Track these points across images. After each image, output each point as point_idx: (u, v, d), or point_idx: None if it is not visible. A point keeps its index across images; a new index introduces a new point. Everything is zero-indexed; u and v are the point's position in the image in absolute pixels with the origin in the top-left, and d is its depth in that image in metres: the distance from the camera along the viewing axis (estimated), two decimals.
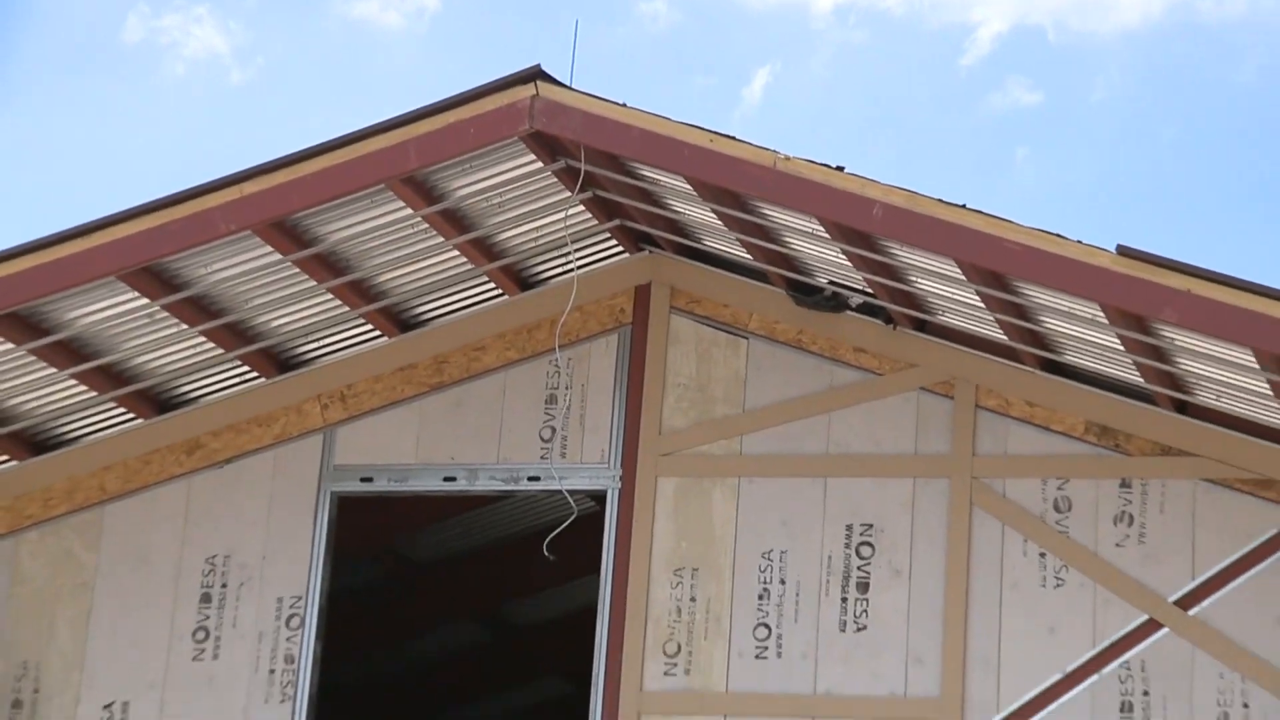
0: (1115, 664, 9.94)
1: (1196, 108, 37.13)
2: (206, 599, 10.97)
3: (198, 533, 11.15)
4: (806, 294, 10.38)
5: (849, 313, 10.40)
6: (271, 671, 10.78)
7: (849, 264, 9.58)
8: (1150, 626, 9.90)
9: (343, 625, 11.58)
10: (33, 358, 9.97)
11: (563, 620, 15.02)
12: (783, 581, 10.42)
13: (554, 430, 10.96)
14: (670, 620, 10.51)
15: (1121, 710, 9.87)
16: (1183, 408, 9.99)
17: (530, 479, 11.01)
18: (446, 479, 11.16)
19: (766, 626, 10.41)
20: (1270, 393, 9.03)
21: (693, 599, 10.50)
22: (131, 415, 10.96)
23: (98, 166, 35.92)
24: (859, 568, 10.39)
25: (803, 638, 10.33)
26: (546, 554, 11.04)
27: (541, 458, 10.97)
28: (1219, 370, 9.22)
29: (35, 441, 11.04)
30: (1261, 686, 9.67)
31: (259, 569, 10.96)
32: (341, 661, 11.70)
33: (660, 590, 10.53)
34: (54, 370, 10.21)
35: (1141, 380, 9.75)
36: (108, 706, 10.92)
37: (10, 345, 9.68)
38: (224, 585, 11.00)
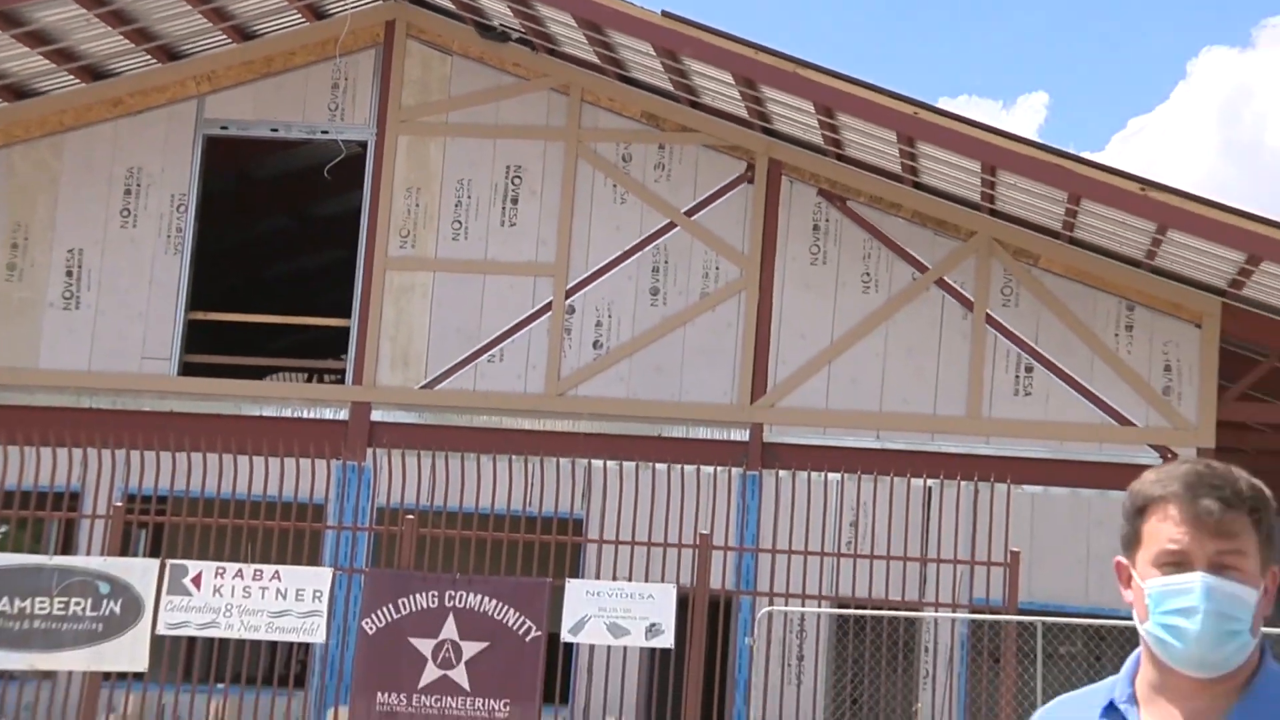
0: (651, 246, 13.39)
1: None
2: (128, 191, 13.73)
3: (122, 153, 13.78)
4: (487, 31, 13.32)
5: (511, 43, 13.38)
6: (168, 237, 13.66)
7: (511, 14, 12.68)
8: (670, 226, 13.36)
9: (210, 213, 14.09)
10: (13, 40, 12.46)
11: (342, 215, 15.86)
12: (469, 196, 13.56)
13: (337, 103, 13.81)
14: (403, 216, 13.58)
15: (653, 271, 13.35)
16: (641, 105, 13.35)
17: (322, 132, 13.86)
18: (272, 130, 13.91)
19: (459, 222, 13.55)
20: (740, 96, 12.56)
21: (417, 204, 13.57)
22: (79, 80, 13.52)
23: None
24: (512, 190, 13.57)
25: (479, 229, 13.50)
26: (326, 175, 13.94)
27: (329, 120, 13.78)
28: (715, 84, 12.74)
29: (20, 91, 13.55)
30: (728, 260, 13.29)
31: (160, 175, 13.73)
32: (208, 234, 14.24)
33: (398, 200, 13.58)
34: (28, 49, 12.73)
35: (673, 87, 13.11)
36: (70, 250, 13.65)
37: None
38: (139, 184, 13.73)
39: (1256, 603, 2.14)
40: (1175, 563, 2.13)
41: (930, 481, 12.51)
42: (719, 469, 12.77)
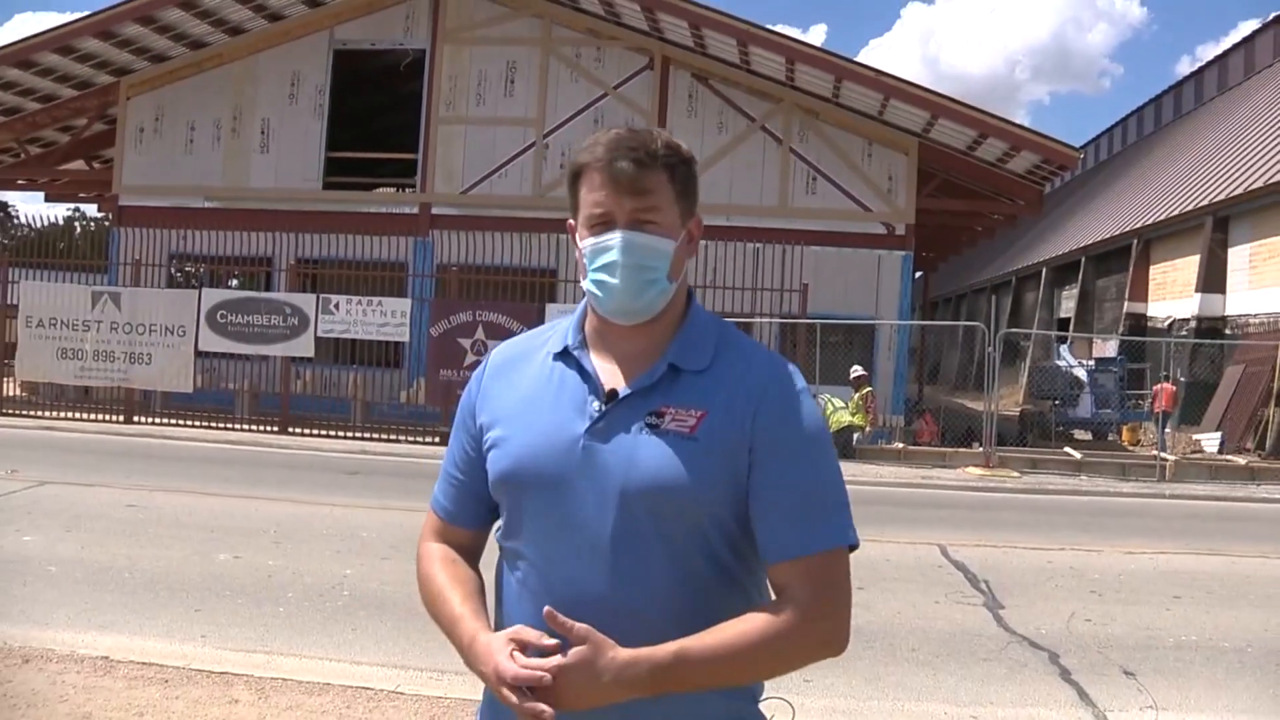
0: (593, 107, 19.95)
1: None
2: (292, 84, 20.80)
3: (289, 62, 20.74)
4: None
5: None
6: (314, 110, 20.69)
7: None
8: (604, 95, 20.04)
9: (337, 94, 20.41)
10: (234, 1, 19.70)
11: (412, 94, 20.42)
12: (486, 80, 20.44)
13: (408, 27, 20.65)
14: (448, 92, 20.48)
15: (594, 122, 19.99)
16: (586, 24, 20.15)
17: (399, 44, 20.71)
18: (371, 44, 20.64)
19: (480, 95, 20.38)
20: (644, 19, 19.37)
21: (455, 85, 20.43)
22: (264, 20, 20.53)
23: None
24: (510, 76, 20.39)
25: (492, 99, 20.36)
26: (401, 70, 20.59)
27: (404, 36, 20.66)
28: (630, 11, 19.41)
29: (235, 29, 20.50)
30: (639, 116, 20.11)
31: (309, 74, 20.73)
32: (336, 107, 20.53)
33: (444, 83, 20.47)
34: (240, 4, 19.89)
35: (604, 13, 19.86)
36: (263, 119, 20.78)
37: None
38: (298, 80, 20.73)
39: (674, 251, 2.09)
40: (602, 223, 2.07)
41: (757, 244, 19.74)
42: None
